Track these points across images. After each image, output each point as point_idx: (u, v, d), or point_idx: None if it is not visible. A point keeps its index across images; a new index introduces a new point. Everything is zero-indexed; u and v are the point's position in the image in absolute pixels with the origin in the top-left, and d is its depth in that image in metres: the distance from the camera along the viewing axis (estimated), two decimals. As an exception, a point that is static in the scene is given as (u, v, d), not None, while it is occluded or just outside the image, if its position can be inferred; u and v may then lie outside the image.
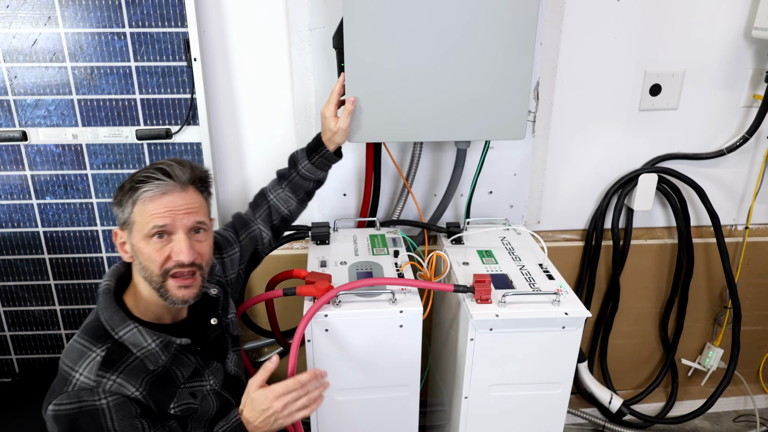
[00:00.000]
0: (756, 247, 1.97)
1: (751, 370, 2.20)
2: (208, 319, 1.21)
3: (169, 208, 1.03)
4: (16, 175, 1.59)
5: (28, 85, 1.51)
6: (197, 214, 1.07)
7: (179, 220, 1.04)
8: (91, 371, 1.00)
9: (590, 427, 2.10)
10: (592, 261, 1.91)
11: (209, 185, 1.14)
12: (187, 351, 1.12)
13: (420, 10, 1.30)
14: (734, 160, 1.84)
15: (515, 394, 1.34)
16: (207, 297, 1.22)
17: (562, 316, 1.25)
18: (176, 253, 1.04)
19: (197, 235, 1.08)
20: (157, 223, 1.02)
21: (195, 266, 1.07)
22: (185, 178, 1.06)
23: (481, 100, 1.39)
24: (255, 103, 1.62)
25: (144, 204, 1.03)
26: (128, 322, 1.05)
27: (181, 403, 1.09)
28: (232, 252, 1.35)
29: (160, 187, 1.03)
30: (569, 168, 1.80)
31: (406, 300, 1.28)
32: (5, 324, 1.75)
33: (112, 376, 1.01)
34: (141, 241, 1.04)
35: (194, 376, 1.13)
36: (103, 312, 1.05)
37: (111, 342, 1.04)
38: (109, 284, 1.09)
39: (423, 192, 1.77)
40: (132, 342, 1.04)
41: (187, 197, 1.06)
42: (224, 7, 1.51)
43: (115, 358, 1.02)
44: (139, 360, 1.04)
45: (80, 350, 1.03)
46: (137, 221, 1.04)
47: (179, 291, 1.06)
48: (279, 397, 1.07)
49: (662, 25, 1.65)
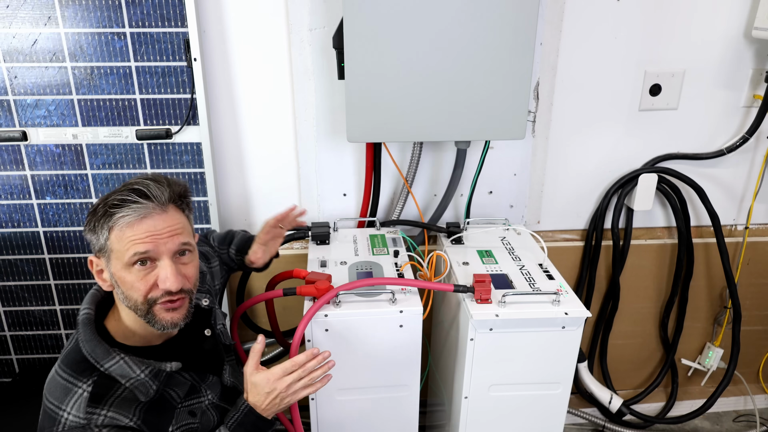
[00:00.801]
0: (756, 247, 1.97)
1: (751, 370, 2.20)
2: (202, 331, 1.15)
3: (150, 232, 0.94)
4: (16, 175, 1.59)
5: (28, 85, 1.51)
6: (181, 235, 0.99)
7: (162, 245, 0.96)
8: (79, 409, 0.93)
9: (590, 427, 2.10)
10: (592, 261, 1.91)
11: (189, 201, 1.05)
12: (181, 369, 1.06)
13: (420, 10, 1.30)
14: (734, 160, 1.84)
15: (515, 394, 1.34)
16: (199, 308, 1.15)
17: (562, 316, 1.25)
18: (162, 281, 0.96)
19: (182, 258, 1.00)
20: (139, 250, 0.94)
21: (184, 292, 1.00)
22: (164, 198, 0.97)
23: (481, 100, 1.39)
24: (255, 103, 1.62)
25: (122, 230, 0.94)
26: (112, 353, 0.97)
27: (180, 424, 1.03)
28: (214, 263, 1.34)
29: (138, 211, 0.94)
30: (569, 168, 1.80)
31: (406, 300, 1.28)
32: (5, 324, 1.75)
33: (103, 411, 0.94)
34: (121, 269, 0.96)
35: (191, 393, 1.07)
36: (85, 345, 0.97)
37: (97, 375, 0.96)
38: (88, 313, 1.01)
39: (423, 192, 1.77)
40: (119, 373, 0.97)
41: (168, 219, 0.97)
42: (224, 7, 1.51)
43: (103, 393, 0.95)
44: (128, 390, 0.97)
45: (64, 386, 0.95)
46: (115, 249, 0.95)
47: (167, 314, 0.99)
48: (280, 379, 1.06)
49: (662, 26, 1.65)
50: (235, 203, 1.73)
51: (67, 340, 1.75)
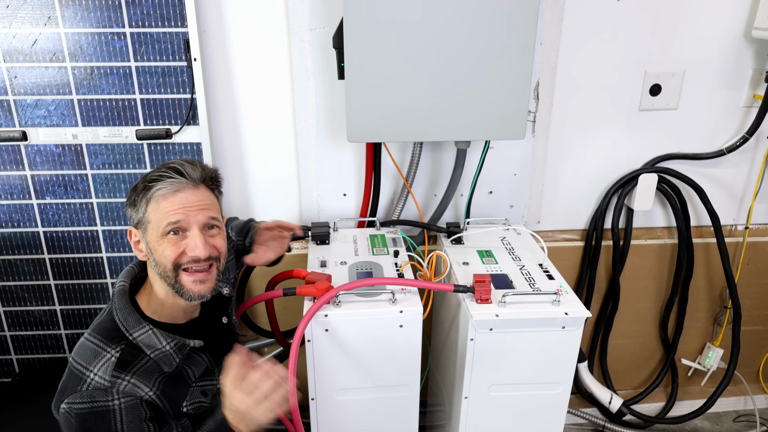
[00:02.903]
0: (756, 247, 1.97)
1: (751, 370, 2.20)
2: (220, 318, 1.24)
3: (182, 204, 1.05)
4: (16, 175, 1.59)
5: (28, 85, 1.51)
6: (210, 210, 1.09)
7: (193, 216, 1.06)
8: (106, 372, 1.01)
9: (590, 427, 2.10)
10: (592, 261, 1.91)
11: (220, 184, 1.17)
12: (200, 350, 1.14)
13: (420, 10, 1.30)
14: (734, 160, 1.84)
15: (515, 394, 1.34)
16: (220, 296, 1.24)
17: (562, 316, 1.24)
18: (191, 249, 1.05)
19: (211, 231, 1.10)
20: (171, 220, 1.04)
21: (212, 259, 1.09)
22: (197, 176, 1.08)
23: (481, 100, 1.39)
24: (255, 103, 1.62)
25: (158, 202, 1.04)
26: (143, 323, 1.06)
27: (193, 401, 1.11)
28: (230, 257, 1.39)
29: (173, 185, 1.05)
30: (569, 168, 1.80)
31: (406, 300, 1.28)
32: (5, 324, 1.75)
33: (127, 377, 1.02)
34: (156, 239, 1.05)
35: (205, 375, 1.15)
36: (119, 313, 1.06)
37: (125, 343, 1.05)
38: (124, 285, 1.10)
39: (423, 192, 1.77)
40: (146, 344, 1.05)
41: (199, 194, 1.08)
42: (224, 7, 1.51)
43: (129, 360, 1.03)
44: (152, 361, 1.05)
45: (94, 350, 1.04)
46: (152, 219, 1.05)
47: (195, 286, 1.07)
48: (248, 395, 0.99)
49: (662, 25, 1.65)
50: (235, 203, 1.72)
51: (67, 341, 1.77)
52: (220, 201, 1.16)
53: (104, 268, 1.70)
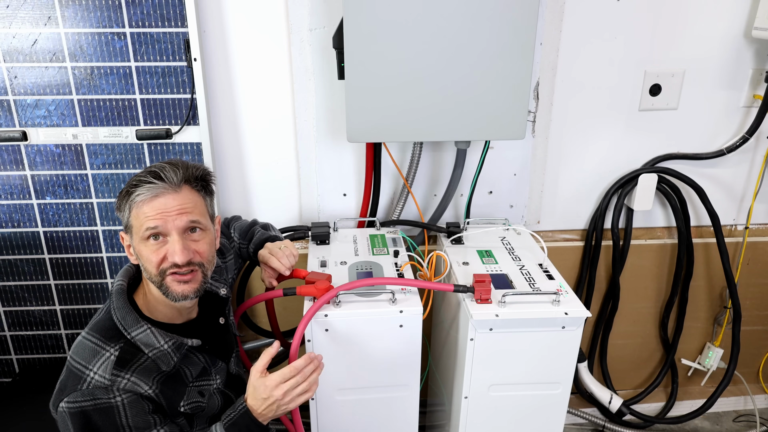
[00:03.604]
0: (756, 247, 1.97)
1: (751, 370, 2.20)
2: (217, 319, 1.24)
3: (160, 210, 1.04)
4: (16, 175, 1.59)
5: (28, 85, 1.51)
6: (191, 213, 1.07)
7: (171, 222, 1.05)
8: (105, 370, 1.02)
9: (590, 427, 2.10)
10: (592, 261, 1.91)
11: (208, 183, 1.14)
12: (197, 350, 1.15)
13: (420, 10, 1.30)
14: (734, 160, 1.84)
15: (515, 394, 1.34)
16: (217, 297, 1.25)
17: (562, 316, 1.24)
18: (170, 254, 1.05)
19: (193, 235, 1.09)
20: (149, 225, 1.04)
21: (193, 265, 1.08)
22: (177, 179, 1.07)
23: (481, 100, 1.39)
24: (255, 103, 1.62)
25: (138, 207, 1.05)
26: (141, 323, 1.07)
27: (190, 401, 1.11)
28: (229, 258, 1.39)
29: (151, 190, 1.04)
30: (569, 168, 1.80)
31: (406, 300, 1.28)
32: (5, 324, 1.75)
33: (126, 375, 1.03)
34: (139, 243, 1.06)
35: (202, 375, 1.15)
36: (117, 312, 1.07)
37: (123, 342, 1.06)
38: (122, 284, 1.11)
39: (423, 192, 1.77)
40: (145, 342, 1.06)
41: (179, 198, 1.06)
42: (224, 7, 1.51)
43: (128, 358, 1.04)
44: (150, 360, 1.06)
45: (93, 348, 1.04)
46: (134, 224, 1.06)
47: (178, 286, 1.07)
48: (278, 386, 1.08)
49: (662, 25, 1.65)
50: (235, 203, 1.72)
51: (67, 341, 1.77)
52: (209, 201, 1.14)
53: (104, 268, 1.70)
